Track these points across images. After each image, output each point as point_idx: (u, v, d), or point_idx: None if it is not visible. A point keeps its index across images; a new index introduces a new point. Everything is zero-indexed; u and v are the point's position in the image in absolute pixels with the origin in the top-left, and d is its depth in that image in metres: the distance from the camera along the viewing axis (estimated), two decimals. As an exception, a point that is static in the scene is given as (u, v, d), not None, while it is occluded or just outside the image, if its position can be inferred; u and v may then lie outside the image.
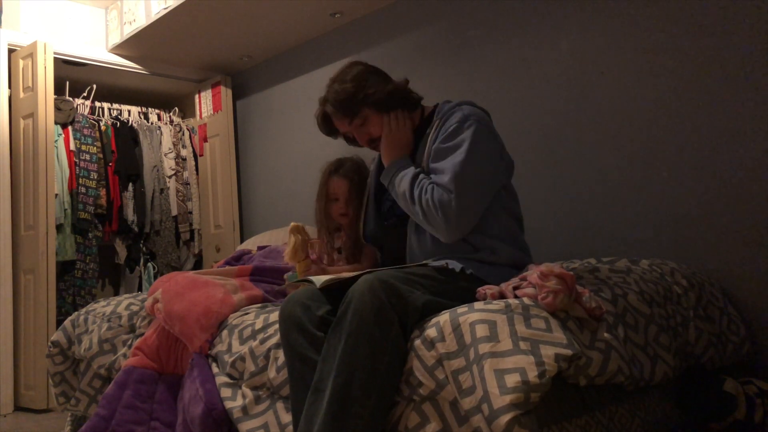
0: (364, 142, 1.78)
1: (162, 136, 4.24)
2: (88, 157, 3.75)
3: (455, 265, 1.51)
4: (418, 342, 1.31)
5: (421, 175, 1.61)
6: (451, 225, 1.52)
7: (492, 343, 1.19)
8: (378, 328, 1.28)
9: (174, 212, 4.23)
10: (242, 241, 4.00)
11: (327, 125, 1.82)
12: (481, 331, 1.21)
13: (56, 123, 3.58)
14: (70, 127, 3.72)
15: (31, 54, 3.34)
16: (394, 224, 1.79)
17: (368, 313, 1.29)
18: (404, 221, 1.73)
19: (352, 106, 1.70)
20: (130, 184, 3.99)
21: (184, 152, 4.37)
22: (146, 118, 4.26)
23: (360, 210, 2.01)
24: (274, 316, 1.74)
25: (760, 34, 1.98)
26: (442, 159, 1.58)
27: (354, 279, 1.42)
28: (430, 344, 1.29)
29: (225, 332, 1.83)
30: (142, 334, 2.05)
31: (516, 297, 1.36)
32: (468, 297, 1.43)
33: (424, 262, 1.58)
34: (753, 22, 2.00)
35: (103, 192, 3.81)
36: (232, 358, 1.73)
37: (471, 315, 1.26)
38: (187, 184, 4.33)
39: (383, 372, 1.28)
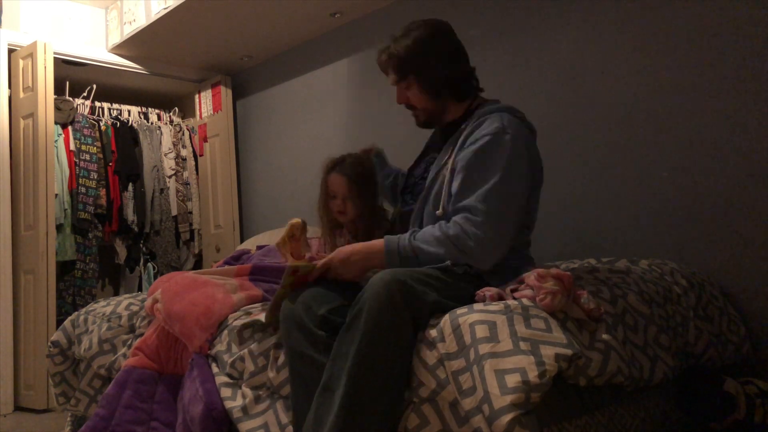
0: (401, 101, 1.72)
1: (162, 136, 4.24)
2: (88, 157, 3.75)
3: (458, 267, 1.51)
4: (419, 342, 1.32)
5: (417, 233, 1.51)
6: (482, 249, 1.44)
7: (492, 344, 1.19)
8: (393, 330, 1.27)
9: (174, 212, 4.23)
10: (242, 241, 4.00)
11: (382, 66, 1.74)
12: (481, 331, 1.21)
13: (56, 123, 3.58)
14: (70, 127, 3.72)
15: (31, 54, 3.34)
16: (403, 223, 1.74)
17: (384, 314, 1.27)
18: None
19: (402, 68, 1.64)
20: (130, 184, 3.99)
21: (184, 152, 4.37)
22: (146, 118, 4.26)
23: (362, 208, 2.00)
24: (274, 316, 1.74)
25: (759, 33, 1.98)
26: (470, 176, 1.48)
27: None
28: (431, 344, 1.29)
29: (225, 332, 1.83)
30: (142, 334, 2.05)
31: (514, 299, 1.36)
32: (470, 299, 1.43)
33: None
34: (753, 21, 1.99)
35: (103, 192, 3.81)
36: (231, 358, 1.73)
37: (471, 316, 1.26)
38: (187, 184, 4.33)
39: (395, 375, 1.28)
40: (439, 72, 1.63)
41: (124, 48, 3.73)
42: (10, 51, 3.42)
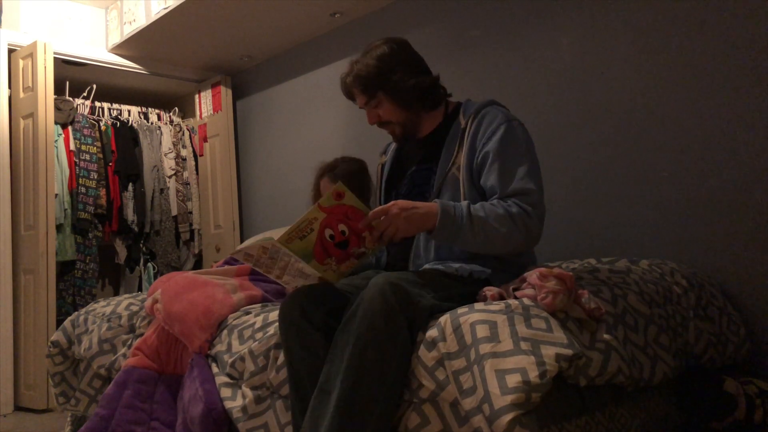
0: (372, 121, 1.73)
1: (162, 136, 4.24)
2: (88, 157, 3.75)
3: (463, 270, 1.51)
4: (418, 344, 1.31)
5: (476, 204, 1.48)
6: (540, 227, 1.49)
7: (493, 344, 1.19)
8: (387, 332, 1.27)
9: (174, 212, 4.23)
10: (242, 241, 4.00)
11: (348, 91, 1.75)
12: (482, 331, 1.21)
13: (56, 123, 3.58)
14: (70, 127, 3.72)
15: (31, 54, 3.34)
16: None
17: (378, 317, 1.27)
18: None
19: (369, 87, 1.66)
20: (130, 184, 3.99)
21: (184, 152, 4.37)
22: (146, 118, 4.26)
23: None
24: (274, 315, 1.74)
25: (760, 33, 1.98)
26: (506, 163, 1.51)
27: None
28: (431, 344, 1.29)
29: (225, 332, 1.83)
30: (142, 334, 2.05)
31: (516, 298, 1.36)
32: (471, 299, 1.43)
33: (433, 267, 1.56)
34: (753, 21, 1.99)
35: (103, 192, 3.81)
36: (231, 358, 1.73)
37: (471, 315, 1.26)
38: (187, 184, 4.33)
39: (391, 377, 1.28)
40: (406, 82, 1.64)
41: (124, 48, 3.73)
42: (10, 51, 3.42)
